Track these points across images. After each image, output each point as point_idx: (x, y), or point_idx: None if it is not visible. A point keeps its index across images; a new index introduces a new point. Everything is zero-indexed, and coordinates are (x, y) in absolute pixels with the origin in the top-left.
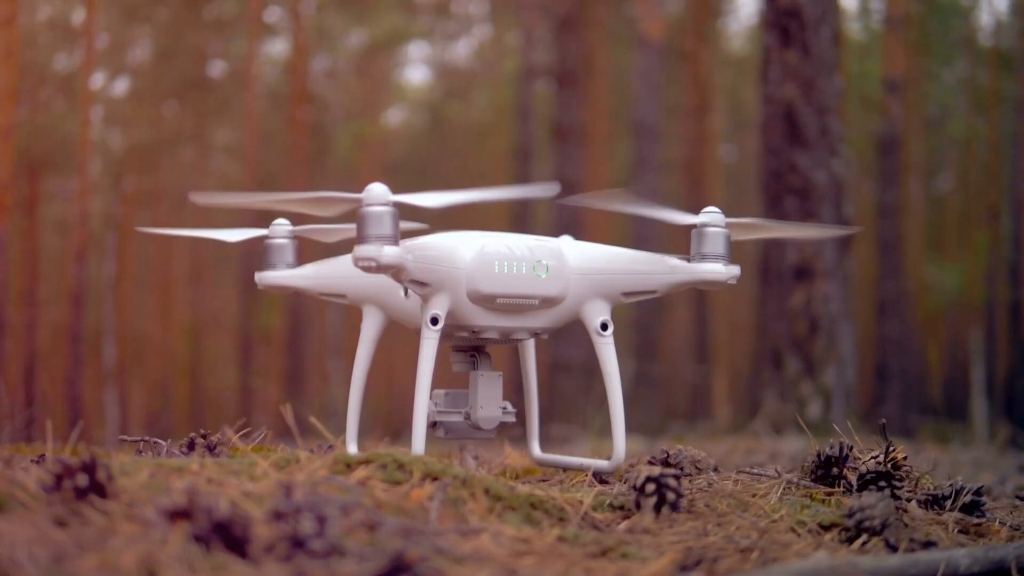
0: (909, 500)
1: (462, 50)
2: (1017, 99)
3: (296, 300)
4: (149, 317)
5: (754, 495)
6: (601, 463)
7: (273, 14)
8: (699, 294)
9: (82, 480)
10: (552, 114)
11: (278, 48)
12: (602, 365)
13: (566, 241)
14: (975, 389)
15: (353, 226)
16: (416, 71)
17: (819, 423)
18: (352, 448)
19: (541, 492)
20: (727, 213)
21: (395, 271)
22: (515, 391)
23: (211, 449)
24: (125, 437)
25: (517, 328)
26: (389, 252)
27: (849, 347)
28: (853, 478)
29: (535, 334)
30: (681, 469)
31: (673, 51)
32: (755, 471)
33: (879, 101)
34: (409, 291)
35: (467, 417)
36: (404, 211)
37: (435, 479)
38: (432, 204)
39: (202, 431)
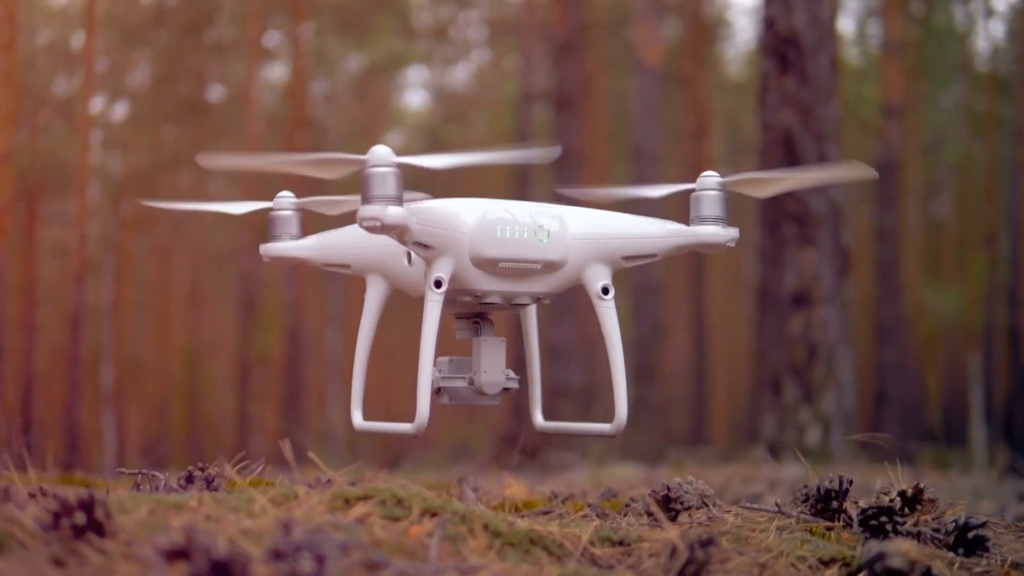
0: (916, 535)
1: (461, 74)
2: (1014, 123)
3: (295, 323)
4: (147, 340)
5: (753, 529)
6: (604, 427)
7: (272, 38)
8: (698, 317)
9: (80, 518)
10: (551, 138)
11: (277, 72)
12: (603, 328)
13: (566, 208)
14: (974, 414)
15: (356, 197)
16: (415, 95)
17: (818, 450)
18: (356, 416)
19: (540, 527)
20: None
21: (399, 232)
22: (518, 369)
23: (209, 483)
24: (123, 470)
25: (519, 293)
26: (393, 212)
27: (848, 373)
28: (853, 512)
29: (537, 299)
30: (682, 504)
31: (671, 76)
32: (754, 506)
33: (877, 126)
34: (413, 259)
35: (471, 383)
36: (407, 176)
37: (434, 515)
38: (435, 165)
39: (200, 465)
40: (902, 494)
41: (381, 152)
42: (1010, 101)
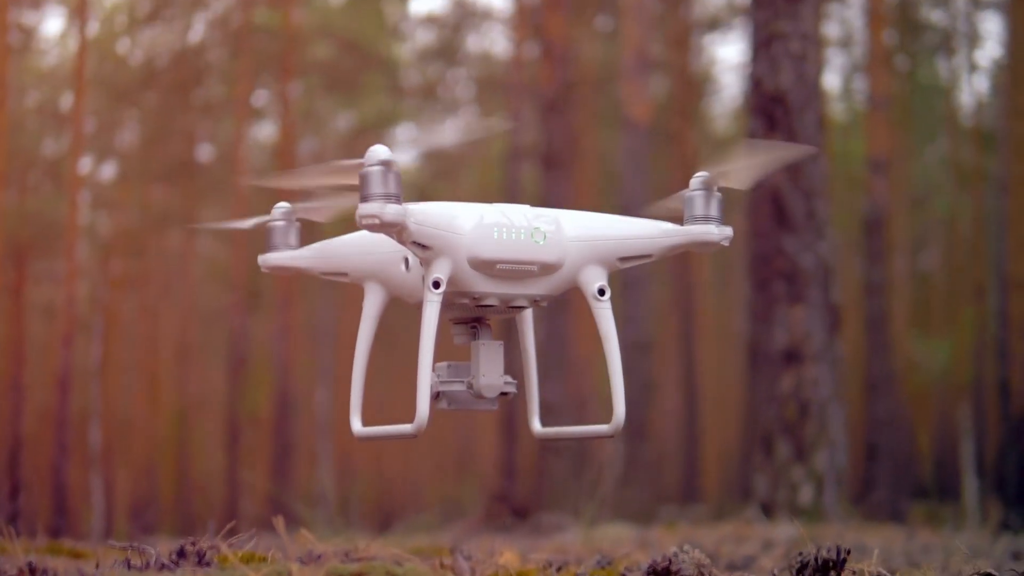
0: None
1: (447, 131)
2: (1000, 177)
3: (284, 381)
4: (136, 400)
5: None
6: (602, 428)
7: (261, 98)
8: (688, 373)
9: None
10: (539, 195)
11: (266, 131)
12: (600, 330)
13: (562, 212)
14: (965, 468)
15: (347, 200)
16: (403, 153)
17: (812, 508)
18: (356, 424)
19: None
20: (714, 291)
21: (397, 230)
22: (516, 377)
23: (201, 558)
24: (113, 543)
25: (517, 295)
26: (392, 209)
27: (840, 430)
28: None
29: (535, 301)
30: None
31: (659, 132)
32: None
33: (864, 180)
34: (410, 265)
35: (469, 387)
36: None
37: None
38: (437, 143)
39: (191, 539)
40: None
41: (379, 151)
42: (995, 155)
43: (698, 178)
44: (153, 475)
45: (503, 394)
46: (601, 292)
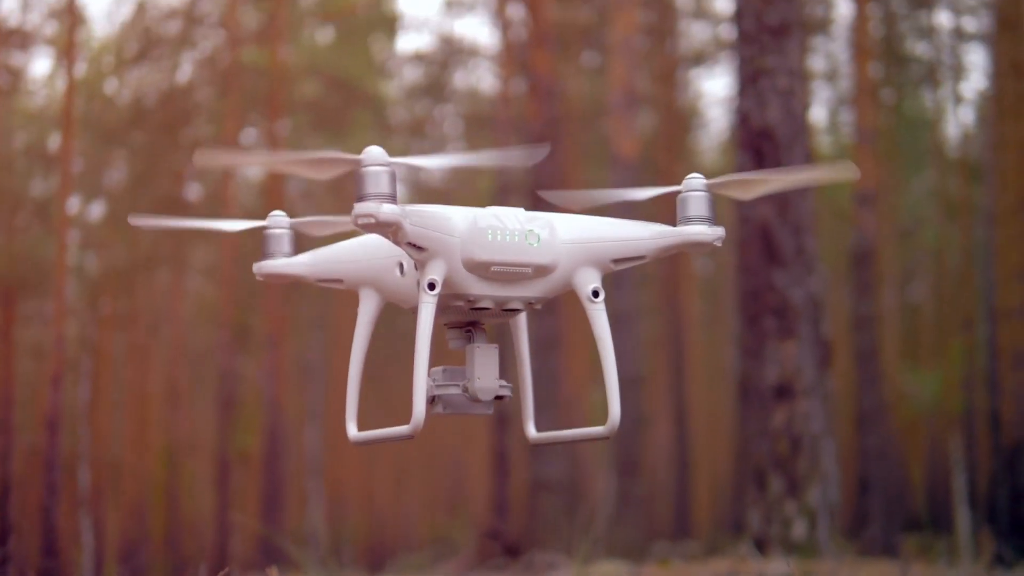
0: None
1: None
2: (987, 208)
3: (273, 420)
4: (125, 441)
5: None
6: (597, 430)
7: (249, 136)
8: (679, 408)
9: None
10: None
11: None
12: (594, 331)
13: (555, 215)
14: (958, 500)
15: (345, 218)
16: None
17: (805, 543)
18: (351, 429)
19: None
20: (703, 326)
21: (393, 230)
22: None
23: None
24: None
25: (511, 297)
26: (388, 209)
27: (832, 465)
28: None
29: (529, 304)
30: None
31: (647, 167)
32: None
33: (851, 213)
34: (405, 270)
35: (465, 390)
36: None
37: None
38: (428, 165)
39: None
40: None
41: (376, 152)
42: (982, 186)
43: (690, 179)
44: (143, 516)
45: (498, 398)
46: (595, 294)
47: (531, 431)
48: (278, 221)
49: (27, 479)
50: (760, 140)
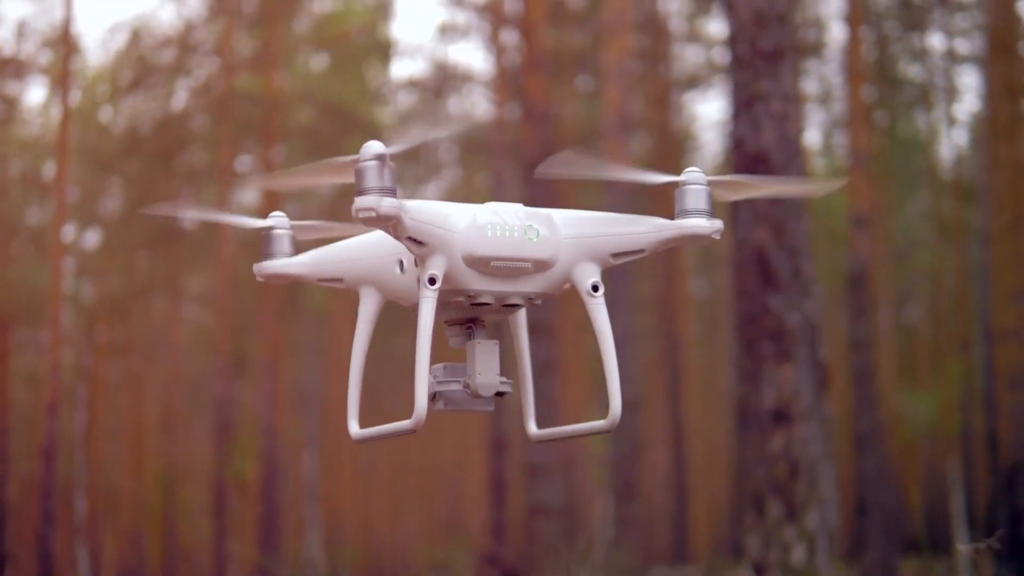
0: None
1: (431, 192)
2: (982, 229)
3: (270, 447)
4: (121, 469)
5: None
6: (599, 424)
7: (244, 163)
8: (675, 431)
9: None
10: None
11: (249, 196)
12: (595, 325)
13: (554, 211)
14: (956, 522)
15: (333, 224)
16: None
17: (804, 568)
18: (353, 426)
19: None
20: (700, 348)
21: (393, 223)
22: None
23: None
24: None
25: (511, 293)
26: (388, 202)
27: (830, 489)
28: None
29: (529, 299)
30: None
31: (642, 190)
32: None
33: (846, 235)
34: (405, 267)
35: (466, 387)
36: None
37: None
38: (428, 136)
39: None
40: None
41: (374, 147)
42: (976, 207)
43: (689, 173)
44: (139, 544)
45: (499, 394)
46: (595, 288)
47: (532, 428)
48: (279, 222)
49: (23, 507)
50: (755, 164)
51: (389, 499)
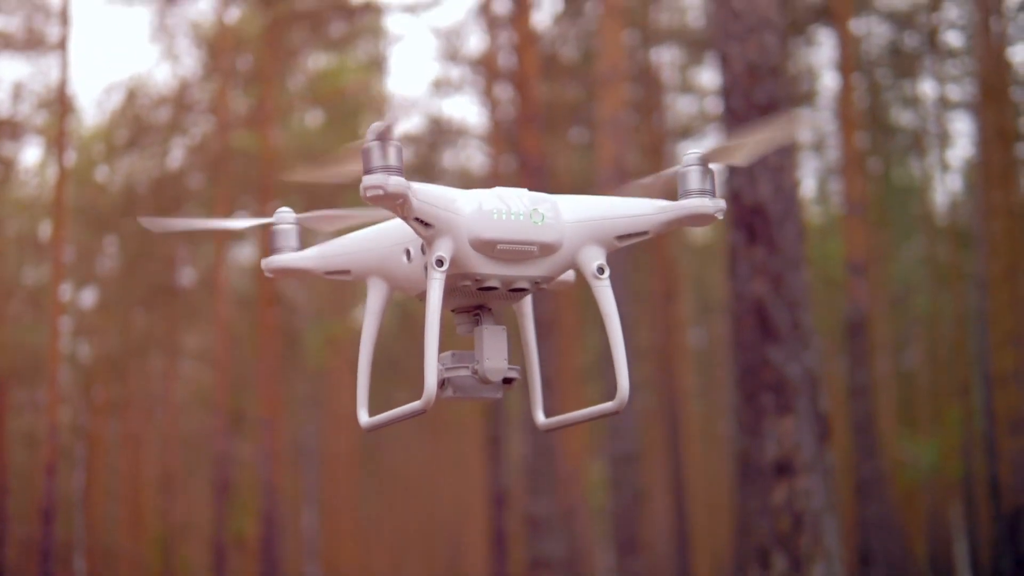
0: None
1: None
2: (978, 274)
3: (270, 504)
4: (120, 528)
5: None
6: (607, 406)
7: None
8: (676, 481)
9: None
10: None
11: (246, 253)
12: (601, 308)
13: (558, 196)
14: (960, 569)
15: (353, 211)
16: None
17: None
18: (363, 415)
19: None
20: (699, 399)
21: (401, 202)
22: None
23: None
24: None
25: (518, 276)
26: (395, 181)
27: (834, 541)
28: None
29: (536, 283)
30: None
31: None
32: None
33: (843, 281)
34: (412, 256)
35: (474, 372)
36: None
37: None
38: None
39: None
40: None
41: (381, 127)
42: (972, 252)
43: (691, 154)
44: None
45: (507, 381)
46: (600, 270)
47: (540, 417)
48: (284, 216)
49: (22, 569)
50: (752, 216)
51: (389, 554)
